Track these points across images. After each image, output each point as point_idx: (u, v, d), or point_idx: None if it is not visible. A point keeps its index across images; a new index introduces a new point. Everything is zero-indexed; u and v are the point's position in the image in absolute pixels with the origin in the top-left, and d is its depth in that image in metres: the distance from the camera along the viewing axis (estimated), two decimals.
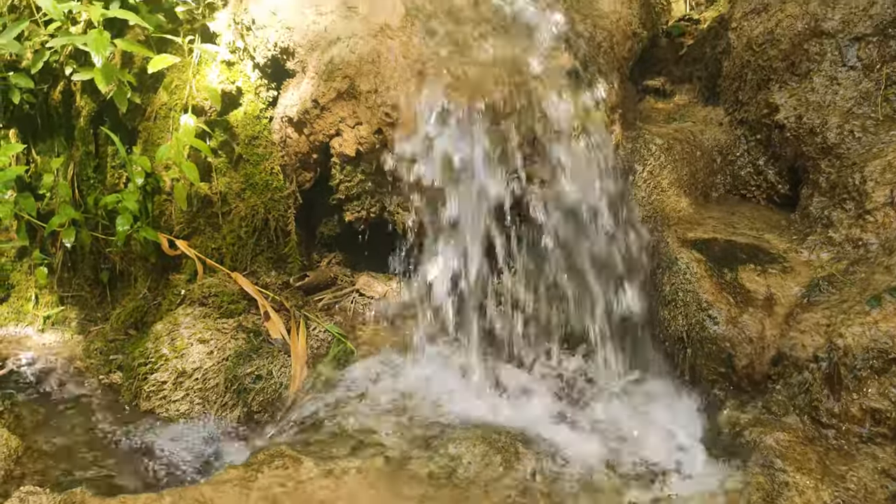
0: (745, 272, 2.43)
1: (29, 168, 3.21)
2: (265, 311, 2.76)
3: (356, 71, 2.63)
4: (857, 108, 2.64)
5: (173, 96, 2.93)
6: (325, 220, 3.00)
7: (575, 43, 2.96)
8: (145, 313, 3.02)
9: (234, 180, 2.93)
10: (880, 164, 2.41)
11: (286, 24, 2.73)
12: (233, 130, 2.92)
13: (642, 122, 3.16)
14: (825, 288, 2.29)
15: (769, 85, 2.86)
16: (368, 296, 3.00)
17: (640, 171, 2.82)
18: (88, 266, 3.21)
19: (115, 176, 3.09)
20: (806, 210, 2.62)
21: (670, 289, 2.48)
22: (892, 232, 2.28)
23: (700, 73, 3.45)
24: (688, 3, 4.16)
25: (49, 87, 3.14)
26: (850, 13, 2.74)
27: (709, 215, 2.80)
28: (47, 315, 3.21)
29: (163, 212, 2.99)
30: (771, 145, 2.87)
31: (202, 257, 2.89)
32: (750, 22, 2.97)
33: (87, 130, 3.12)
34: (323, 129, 2.69)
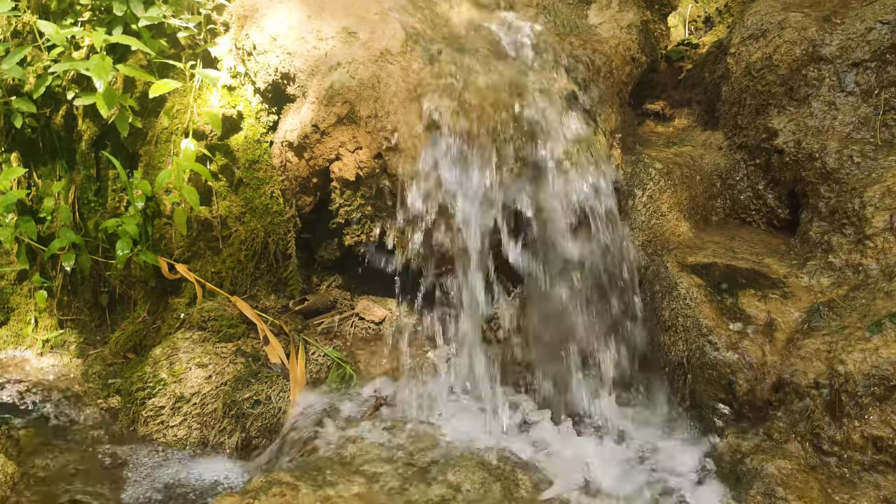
0: (746, 297, 2.42)
1: (30, 192, 3.22)
2: (264, 336, 2.75)
3: (356, 96, 2.64)
4: (856, 133, 2.65)
5: (174, 120, 2.95)
6: (325, 244, 2.99)
7: (574, 68, 2.98)
8: (144, 337, 3.01)
9: (235, 204, 2.93)
10: (880, 189, 2.41)
11: (287, 50, 2.75)
12: (233, 154, 2.93)
13: (642, 145, 3.17)
14: (826, 314, 2.28)
15: (768, 110, 2.87)
16: (368, 320, 2.99)
17: (639, 195, 2.82)
18: (88, 289, 3.20)
19: (116, 199, 3.09)
20: (806, 235, 2.62)
21: (670, 314, 2.47)
22: (892, 257, 2.27)
23: (699, 98, 3.46)
24: (687, 28, 4.19)
25: (51, 112, 3.16)
26: (847, 39, 2.75)
27: (709, 239, 2.80)
28: (46, 338, 3.20)
29: (163, 235, 2.99)
30: (770, 170, 2.88)
31: (202, 281, 2.89)
32: (748, 47, 2.98)
33: (88, 154, 3.13)
34: (323, 154, 2.69)
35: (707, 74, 3.49)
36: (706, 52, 3.76)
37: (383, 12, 2.91)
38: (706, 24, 4.17)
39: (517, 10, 3.26)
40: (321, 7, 2.84)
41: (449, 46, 2.95)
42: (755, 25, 2.99)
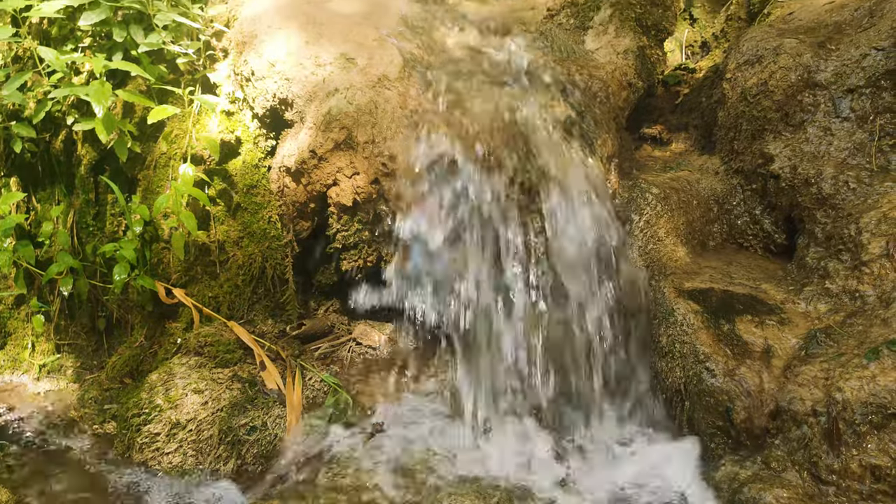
0: (743, 323, 2.42)
1: (29, 216, 3.23)
2: (261, 361, 2.74)
3: (353, 122, 2.65)
4: (852, 158, 2.65)
5: (173, 145, 2.96)
6: (323, 269, 3.00)
7: (571, 93, 2.99)
8: (141, 362, 3.00)
9: (233, 229, 2.94)
10: (875, 215, 2.42)
11: (285, 76, 2.77)
12: (231, 179, 2.94)
13: (639, 170, 3.18)
14: (823, 340, 2.27)
15: (764, 135, 2.88)
16: (366, 345, 2.99)
17: (636, 220, 2.82)
18: (86, 314, 3.20)
19: (115, 224, 3.10)
20: (802, 260, 2.62)
21: (667, 340, 2.46)
22: (888, 284, 2.27)
23: (696, 122, 3.48)
24: (684, 53, 4.21)
25: (51, 136, 3.17)
26: (842, 65, 2.77)
27: (706, 264, 2.79)
28: (43, 363, 3.20)
29: (161, 260, 2.99)
30: (767, 195, 2.88)
31: (199, 306, 2.89)
32: (744, 73, 3.00)
33: (87, 179, 3.14)
34: (320, 179, 2.70)
35: (704, 99, 3.51)
36: (703, 76, 3.79)
37: (381, 38, 2.93)
38: (703, 49, 4.20)
39: (514, 35, 3.29)
40: (319, 33, 2.86)
41: (446, 72, 2.97)
42: (751, 51, 3.01)
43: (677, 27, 4.23)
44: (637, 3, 3.40)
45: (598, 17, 3.39)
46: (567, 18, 3.45)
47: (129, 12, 2.92)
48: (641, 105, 3.64)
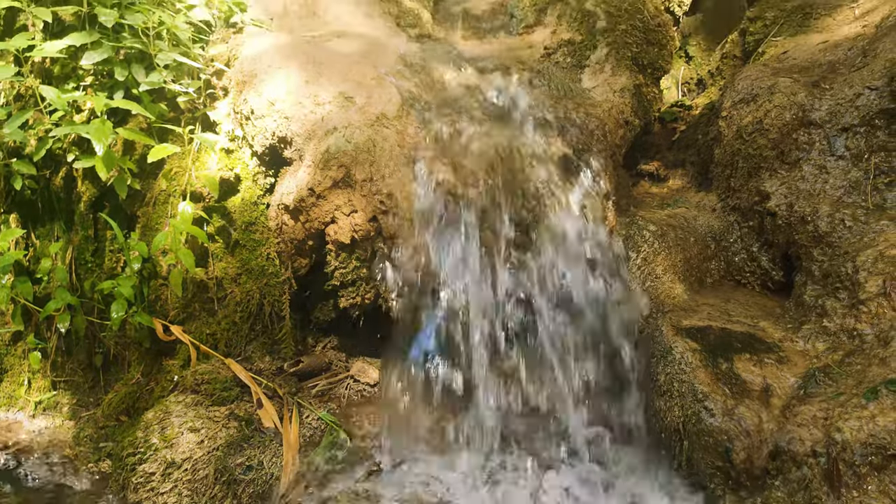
0: (741, 362, 2.41)
1: (28, 252, 3.23)
2: (258, 399, 2.73)
3: (352, 160, 2.67)
4: (847, 196, 2.67)
5: (172, 183, 2.97)
6: (321, 305, 2.99)
7: (568, 131, 3.02)
8: (137, 399, 2.99)
9: (231, 265, 2.94)
10: (872, 253, 2.42)
11: (284, 114, 2.79)
12: (230, 216, 2.95)
13: (636, 207, 3.19)
14: (821, 379, 2.26)
15: (760, 173, 2.90)
16: (363, 382, 2.97)
17: (634, 257, 2.83)
18: (83, 350, 3.19)
19: (113, 260, 3.11)
20: (800, 298, 2.62)
21: (665, 378, 2.45)
22: (886, 323, 2.27)
23: (693, 159, 3.50)
24: (680, 89, 4.25)
25: (51, 173, 3.19)
26: (836, 104, 2.80)
27: (704, 302, 2.79)
28: (39, 400, 3.18)
29: (159, 296, 2.99)
30: (764, 232, 2.89)
31: (196, 343, 2.88)
32: (739, 111, 3.03)
33: (86, 215, 3.16)
34: (318, 217, 2.71)
35: (700, 136, 3.53)
36: (699, 113, 3.82)
37: (380, 77, 2.96)
38: (699, 86, 4.24)
39: (512, 73, 3.32)
40: (318, 72, 2.89)
41: (444, 110, 3.00)
42: (746, 90, 3.04)
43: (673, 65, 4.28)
44: (633, 42, 3.45)
45: (594, 56, 3.43)
46: (564, 57, 3.49)
47: (131, 52, 2.95)
48: (638, 142, 3.66)
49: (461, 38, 3.86)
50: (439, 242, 2.58)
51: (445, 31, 3.90)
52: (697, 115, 3.82)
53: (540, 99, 3.13)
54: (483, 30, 3.98)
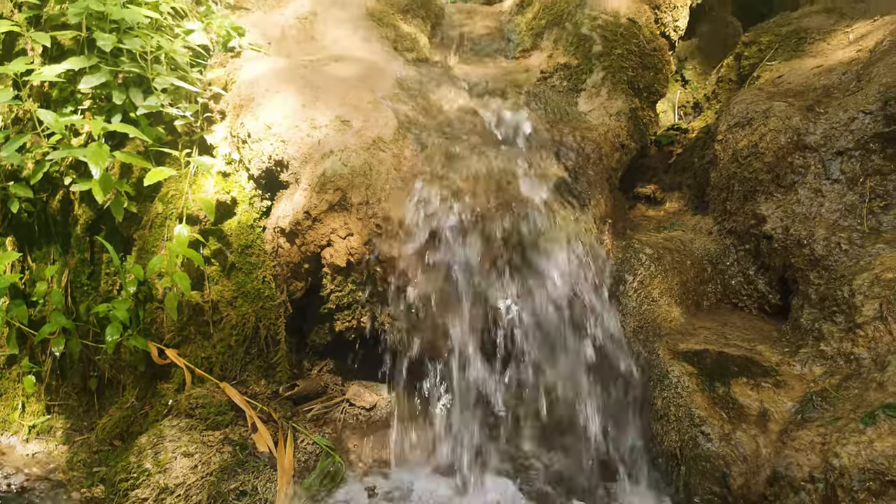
0: (738, 386, 2.40)
1: (24, 275, 3.23)
2: (252, 423, 2.71)
3: (348, 183, 2.67)
4: (843, 220, 2.67)
5: (169, 206, 2.98)
6: (317, 329, 2.98)
7: (564, 155, 3.03)
8: (132, 423, 2.97)
9: (227, 289, 2.93)
10: (868, 277, 2.42)
11: (281, 138, 2.80)
12: (227, 239, 2.95)
13: (633, 230, 3.19)
14: (819, 404, 2.25)
15: (756, 196, 2.90)
16: (359, 406, 2.95)
17: (630, 280, 2.82)
18: (77, 374, 3.17)
19: (109, 283, 3.10)
20: (797, 322, 2.61)
21: (662, 402, 2.44)
22: (883, 347, 2.26)
23: (689, 182, 3.50)
24: (676, 113, 4.27)
25: (48, 196, 3.19)
26: (831, 128, 2.80)
27: (700, 325, 2.78)
28: (33, 424, 3.16)
29: (154, 319, 2.98)
30: (760, 255, 2.89)
31: (191, 367, 2.87)
32: (735, 135, 3.04)
33: (83, 238, 3.15)
34: (314, 240, 2.71)
35: (696, 159, 3.54)
36: (695, 137, 3.83)
37: (377, 101, 2.98)
38: (695, 110, 4.26)
39: (508, 97, 3.34)
40: (315, 97, 2.90)
41: (441, 133, 3.01)
42: (741, 114, 3.05)
43: (669, 88, 4.30)
44: (629, 66, 3.47)
45: (590, 80, 3.44)
46: (560, 81, 3.50)
47: (129, 76, 2.97)
48: (635, 165, 3.67)
49: (458, 62, 3.88)
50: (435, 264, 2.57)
51: (443, 55, 3.92)
52: (693, 139, 3.83)
53: (536, 122, 3.14)
54: (480, 53, 4.00)
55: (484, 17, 4.38)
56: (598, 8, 3.62)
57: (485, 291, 2.59)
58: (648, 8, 3.65)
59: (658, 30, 3.68)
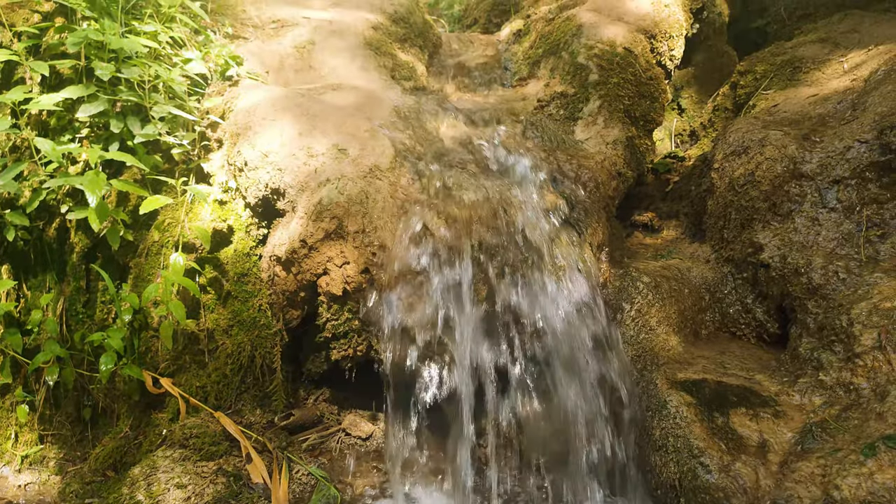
0: (737, 416, 2.38)
1: (19, 303, 3.21)
2: (247, 454, 2.68)
3: (344, 211, 2.67)
4: (840, 248, 2.66)
5: (165, 234, 2.97)
6: (313, 357, 2.96)
7: (560, 182, 3.03)
8: (125, 453, 2.93)
9: (223, 317, 2.92)
10: (866, 306, 2.40)
11: (278, 166, 2.80)
12: (223, 267, 2.94)
13: (630, 258, 3.19)
14: (819, 434, 2.23)
15: (753, 224, 2.90)
16: (355, 435, 2.93)
17: (627, 309, 2.81)
18: (71, 403, 3.15)
19: (105, 311, 3.08)
20: (796, 351, 2.59)
21: (660, 433, 2.41)
22: (882, 377, 2.24)
23: (686, 210, 3.50)
24: (673, 141, 4.29)
25: (45, 224, 3.19)
26: (827, 156, 2.81)
27: (699, 354, 2.77)
28: (26, 454, 3.12)
29: (149, 348, 2.96)
30: (758, 284, 2.88)
31: (186, 396, 2.84)
32: (731, 163, 3.04)
33: (79, 266, 3.14)
34: (310, 268, 2.70)
35: (693, 187, 3.55)
36: (692, 165, 3.84)
37: (373, 129, 2.98)
38: (691, 138, 4.28)
39: (505, 125, 3.35)
40: (312, 125, 2.91)
41: (438, 162, 3.02)
42: (737, 142, 3.06)
43: (666, 117, 4.32)
44: (625, 94, 3.48)
45: (587, 109, 3.46)
46: (557, 109, 3.52)
47: (127, 104, 2.98)
48: (632, 193, 3.68)
49: (456, 91, 3.90)
50: (431, 293, 2.56)
51: (440, 84, 3.94)
52: (690, 167, 3.84)
53: (532, 151, 3.15)
54: (477, 82, 4.03)
55: (482, 47, 4.42)
56: (594, 38, 3.65)
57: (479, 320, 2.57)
58: (644, 38, 3.68)
59: (654, 59, 3.71)
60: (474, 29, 6.05)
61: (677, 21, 3.84)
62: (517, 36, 4.26)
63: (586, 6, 3.91)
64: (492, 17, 5.91)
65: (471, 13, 6.26)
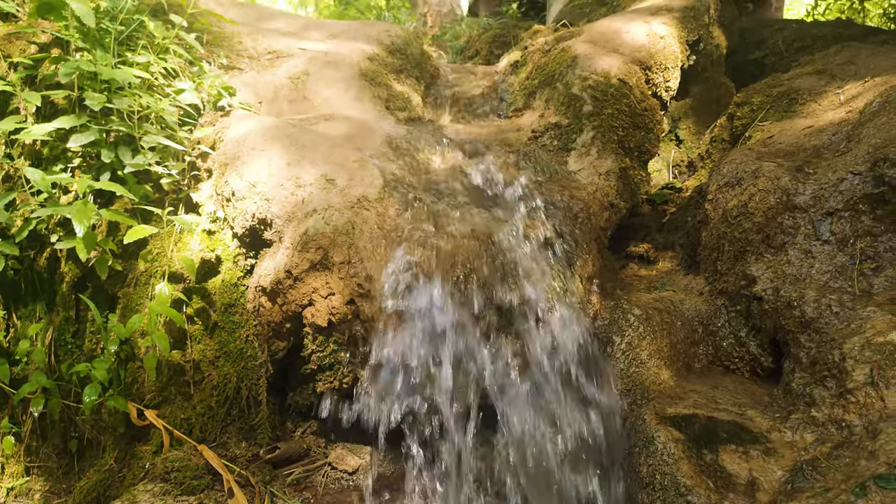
0: (727, 453, 2.32)
1: (8, 333, 3.20)
2: (229, 488, 2.63)
3: (330, 242, 2.65)
4: (834, 281, 2.61)
5: (153, 264, 2.96)
6: (300, 389, 2.93)
7: (552, 214, 3.00)
8: (109, 486, 2.90)
9: (209, 348, 2.89)
10: (859, 340, 2.35)
11: (265, 196, 2.79)
12: (210, 298, 2.92)
13: (623, 289, 3.14)
14: (809, 473, 2.16)
15: (746, 256, 2.86)
16: (341, 469, 2.87)
17: (617, 342, 2.76)
18: (58, 434, 3.12)
19: (93, 342, 3.07)
20: (788, 386, 2.53)
21: (647, 470, 2.35)
22: (874, 414, 2.18)
23: (682, 241, 3.47)
24: (671, 172, 4.26)
25: (35, 254, 3.19)
26: (820, 189, 2.77)
27: (690, 388, 2.71)
28: (11, 486, 3.09)
29: (136, 379, 2.94)
30: (751, 317, 2.83)
31: (170, 428, 2.81)
32: (724, 194, 3.01)
33: (68, 296, 3.14)
34: (296, 300, 2.67)
35: (689, 218, 3.51)
36: (689, 196, 3.81)
37: (363, 160, 2.97)
38: (689, 169, 4.25)
39: (497, 156, 3.34)
40: (301, 155, 2.90)
41: (427, 192, 3.00)
42: (730, 173, 3.03)
43: (664, 148, 4.30)
44: (619, 125, 3.47)
45: (580, 139, 3.44)
46: (551, 140, 3.50)
47: (119, 134, 2.99)
48: (628, 224, 3.64)
49: (451, 121, 3.90)
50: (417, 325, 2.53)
51: (436, 114, 3.95)
52: (687, 198, 3.81)
53: (524, 181, 3.13)
54: (473, 113, 4.03)
55: (479, 77, 4.42)
56: (588, 69, 3.64)
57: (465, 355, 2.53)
58: (639, 69, 3.67)
59: (649, 90, 3.69)
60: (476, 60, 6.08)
61: (673, 53, 3.83)
62: (514, 67, 4.27)
63: (582, 38, 3.91)
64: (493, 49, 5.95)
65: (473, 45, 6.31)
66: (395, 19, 9.58)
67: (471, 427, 2.49)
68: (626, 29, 3.89)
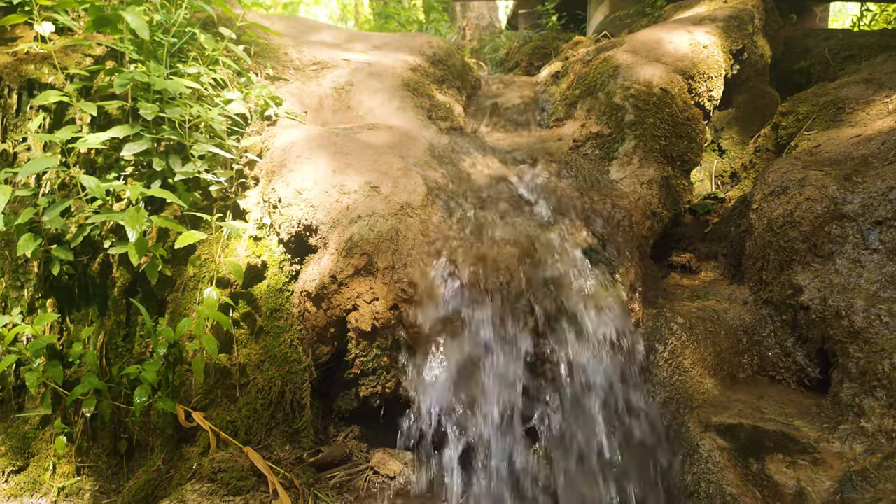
0: (774, 463, 2.29)
1: (62, 336, 3.30)
2: (274, 489, 2.67)
3: (374, 248, 2.69)
4: (883, 291, 2.57)
5: (201, 269, 3.03)
6: (343, 394, 2.96)
7: (594, 221, 3.00)
8: (157, 487, 2.95)
9: (254, 352, 2.95)
10: None
11: (311, 203, 2.84)
12: (256, 303, 2.97)
13: (665, 298, 3.13)
14: (859, 483, 2.13)
15: (792, 266, 2.82)
16: (383, 474, 2.90)
17: (660, 350, 2.75)
18: (108, 435, 3.20)
19: (143, 345, 3.14)
20: (837, 396, 2.50)
21: (692, 478, 2.33)
22: None
23: (725, 251, 3.44)
24: (713, 182, 4.23)
25: (89, 259, 3.28)
26: (869, 197, 2.74)
27: (735, 398, 2.68)
28: (62, 486, 3.17)
29: (184, 382, 3.00)
30: (797, 327, 2.79)
31: (216, 430, 2.86)
32: (770, 203, 2.98)
33: (120, 300, 3.22)
34: (340, 304, 2.72)
35: (733, 228, 3.48)
36: (732, 206, 3.78)
37: (406, 168, 3.01)
38: (732, 179, 4.21)
39: (539, 165, 3.35)
40: (346, 163, 2.95)
41: (470, 200, 3.02)
42: (776, 182, 3.00)
43: (706, 158, 4.27)
44: (661, 134, 3.46)
45: (622, 148, 3.44)
46: (592, 149, 3.51)
47: (170, 143, 3.07)
48: (670, 233, 3.63)
49: (492, 131, 3.93)
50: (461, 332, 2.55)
51: (477, 124, 3.98)
52: (730, 208, 3.77)
53: (567, 190, 3.14)
54: (514, 122, 4.05)
55: (520, 88, 4.45)
56: (630, 78, 3.64)
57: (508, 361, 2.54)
58: (682, 78, 3.67)
59: (692, 100, 3.68)
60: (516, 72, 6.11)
61: (716, 62, 3.81)
62: (555, 77, 4.29)
63: (623, 48, 3.92)
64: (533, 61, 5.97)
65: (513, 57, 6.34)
66: (437, 31, 9.68)
67: (517, 431, 2.50)
68: (668, 38, 3.89)
